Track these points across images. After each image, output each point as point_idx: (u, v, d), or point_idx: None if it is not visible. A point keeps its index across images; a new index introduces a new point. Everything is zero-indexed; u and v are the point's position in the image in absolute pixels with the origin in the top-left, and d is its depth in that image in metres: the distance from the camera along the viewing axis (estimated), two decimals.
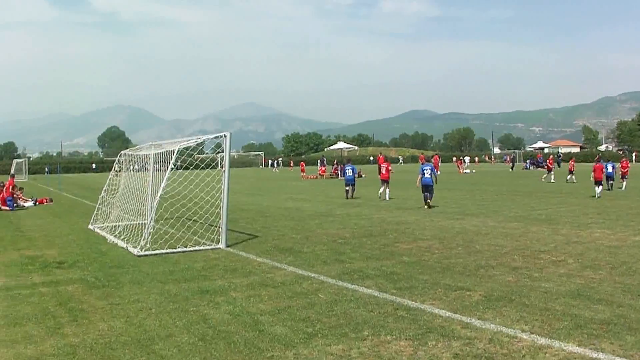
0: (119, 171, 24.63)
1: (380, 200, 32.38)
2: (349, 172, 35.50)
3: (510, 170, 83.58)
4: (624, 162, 41.96)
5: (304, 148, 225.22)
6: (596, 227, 19.67)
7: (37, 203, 35.43)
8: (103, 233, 20.10)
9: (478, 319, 9.20)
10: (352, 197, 34.23)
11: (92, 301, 10.91)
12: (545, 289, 11.06)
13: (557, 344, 7.96)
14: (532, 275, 12.27)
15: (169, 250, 16.08)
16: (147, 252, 15.67)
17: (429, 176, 27.69)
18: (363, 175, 64.08)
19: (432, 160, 38.99)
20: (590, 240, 16.83)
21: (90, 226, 22.23)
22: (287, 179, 67.13)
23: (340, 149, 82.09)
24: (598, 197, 31.46)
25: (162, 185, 16.22)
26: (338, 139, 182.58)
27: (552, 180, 46.77)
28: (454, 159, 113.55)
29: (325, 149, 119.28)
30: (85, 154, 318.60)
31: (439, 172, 35.97)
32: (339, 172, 65.14)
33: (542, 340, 8.13)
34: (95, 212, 23.38)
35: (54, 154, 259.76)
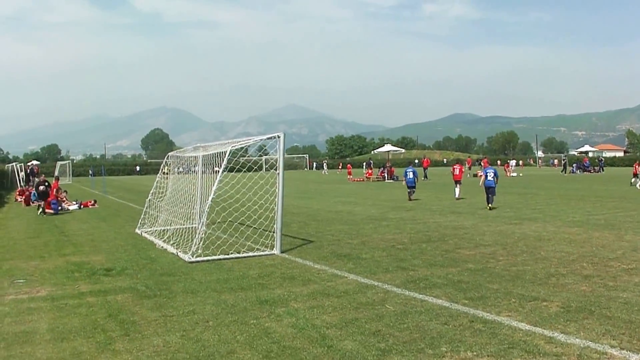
0: (167, 174, 23.99)
1: (456, 201, 33.31)
2: (410, 175, 35.67)
3: (562, 173, 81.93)
4: None
5: (348, 151, 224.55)
6: None
7: (82, 206, 35.01)
8: (151, 238, 19.52)
9: (561, 333, 8.53)
10: (411, 200, 34.64)
11: (144, 312, 10.27)
12: (625, 299, 10.38)
13: None
14: (607, 285, 11.59)
15: (221, 257, 15.42)
16: (198, 259, 15.04)
17: (492, 179, 28.70)
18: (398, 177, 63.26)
19: (483, 162, 38.26)
20: None
21: (137, 230, 21.68)
22: (334, 182, 66.32)
23: (388, 151, 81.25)
24: None
25: (214, 188, 15.51)
26: (383, 142, 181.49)
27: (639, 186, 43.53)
28: (498, 162, 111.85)
29: (372, 152, 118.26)
30: (129, 156, 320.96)
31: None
32: (386, 175, 64.42)
33: (635, 357, 7.47)
34: (142, 215, 22.74)
35: (97, 157, 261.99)
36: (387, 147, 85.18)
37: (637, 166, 48.54)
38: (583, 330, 8.64)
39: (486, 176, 29.10)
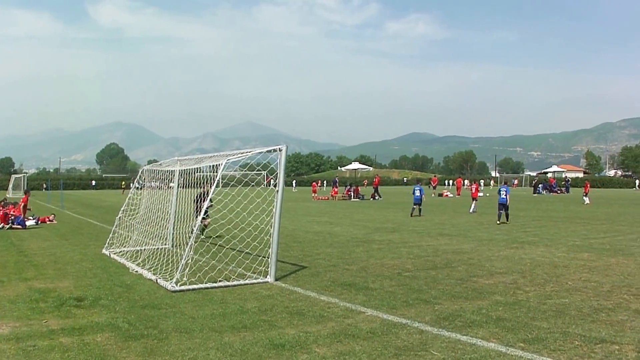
0: (140, 189, 21.70)
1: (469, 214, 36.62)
2: (417, 193, 36.76)
3: (534, 194, 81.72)
4: None
5: (304, 168, 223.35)
6: None
7: (40, 222, 32.51)
8: (122, 260, 17.27)
9: None
10: (417, 215, 36.06)
11: None
12: None
13: None
14: None
15: (209, 285, 13.26)
16: (183, 287, 12.91)
17: (504, 196, 31.78)
18: (377, 198, 62.05)
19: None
20: None
21: (104, 251, 19.38)
22: (299, 200, 64.20)
23: (355, 169, 79.95)
24: None
25: (205, 205, 13.46)
26: (341, 160, 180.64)
27: None
28: (466, 182, 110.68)
29: (339, 168, 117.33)
30: (83, 170, 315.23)
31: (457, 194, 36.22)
32: (352, 194, 62.87)
33: None
34: (110, 235, 20.42)
35: (51, 170, 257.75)
36: (355, 165, 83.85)
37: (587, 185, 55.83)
38: None
39: (499, 194, 32.14)
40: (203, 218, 14.22)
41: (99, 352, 8.47)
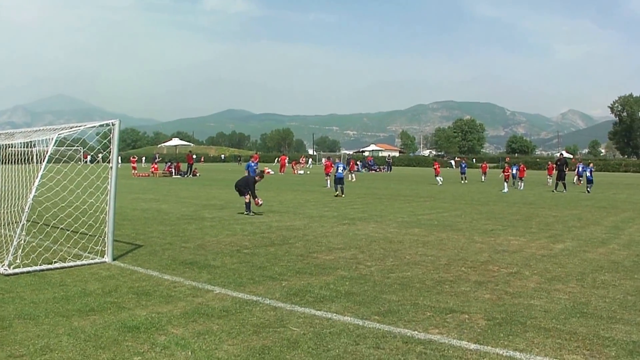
0: None
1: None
2: (340, 169, 36.18)
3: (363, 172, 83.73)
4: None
5: (121, 144, 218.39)
6: (503, 232, 19.39)
7: None
8: None
9: (516, 351, 7.49)
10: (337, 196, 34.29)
11: None
12: (542, 307, 9.67)
13: None
14: (507, 292, 10.80)
15: (44, 267, 12.33)
16: (17, 270, 11.95)
17: (342, 171, 35.00)
18: (198, 174, 61.74)
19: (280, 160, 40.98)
20: (498, 243, 16.99)
21: None
22: (119, 177, 62.36)
23: (175, 145, 78.76)
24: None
25: (36, 183, 12.57)
26: (158, 136, 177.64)
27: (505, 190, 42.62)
28: (280, 159, 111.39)
29: (159, 145, 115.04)
30: None
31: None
32: (173, 171, 61.97)
33: None
34: None
35: None
36: (176, 142, 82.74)
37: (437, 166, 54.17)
38: (535, 346, 7.69)
39: (337, 169, 35.18)
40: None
41: None
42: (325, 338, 7.82)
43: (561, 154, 78.70)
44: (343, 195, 33.79)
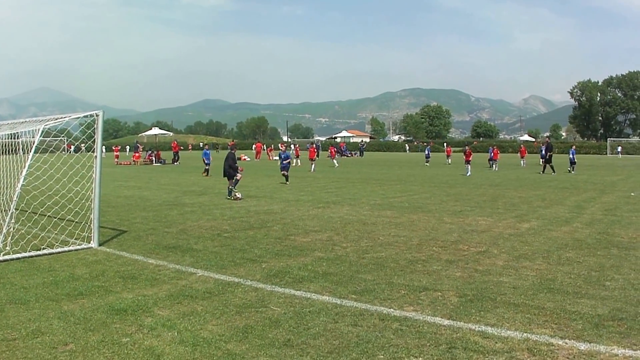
0: None
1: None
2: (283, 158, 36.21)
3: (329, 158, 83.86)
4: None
5: (103, 134, 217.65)
6: (471, 213, 19.91)
7: None
8: None
9: (487, 325, 7.89)
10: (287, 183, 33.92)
11: None
12: (511, 284, 10.12)
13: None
14: (478, 269, 11.31)
15: (32, 253, 12.64)
16: (7, 257, 12.25)
17: (287, 163, 34.81)
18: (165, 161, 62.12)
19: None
20: (467, 223, 17.48)
21: None
22: (103, 165, 62.41)
23: (155, 134, 79.17)
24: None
25: (24, 173, 12.87)
26: (139, 126, 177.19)
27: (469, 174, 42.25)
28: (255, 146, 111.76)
29: (139, 135, 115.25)
30: None
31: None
32: (154, 159, 62.30)
33: (583, 346, 7.10)
34: None
35: None
36: (156, 131, 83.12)
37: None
38: (505, 321, 8.09)
39: (282, 159, 35.30)
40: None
41: None
42: (305, 317, 8.22)
43: (548, 138, 78.96)
44: (287, 183, 33.45)
